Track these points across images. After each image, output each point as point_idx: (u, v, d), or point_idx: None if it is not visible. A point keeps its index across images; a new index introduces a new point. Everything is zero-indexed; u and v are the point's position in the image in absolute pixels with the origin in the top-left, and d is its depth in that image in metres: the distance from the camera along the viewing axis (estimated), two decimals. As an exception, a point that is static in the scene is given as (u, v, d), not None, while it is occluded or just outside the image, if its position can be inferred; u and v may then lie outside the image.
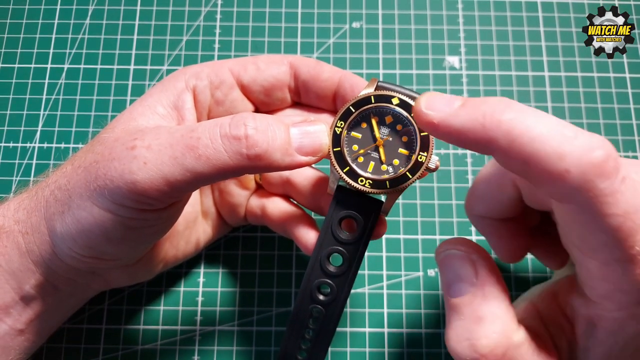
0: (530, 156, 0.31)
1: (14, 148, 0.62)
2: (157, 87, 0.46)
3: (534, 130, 0.31)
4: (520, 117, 0.32)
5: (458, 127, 0.34)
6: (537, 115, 0.32)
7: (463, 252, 0.38)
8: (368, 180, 0.41)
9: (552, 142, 0.31)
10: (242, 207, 0.53)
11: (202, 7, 0.68)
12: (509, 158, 0.32)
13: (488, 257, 0.38)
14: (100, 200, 0.39)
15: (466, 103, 0.34)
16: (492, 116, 0.32)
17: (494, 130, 0.32)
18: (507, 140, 0.32)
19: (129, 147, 0.39)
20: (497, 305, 0.36)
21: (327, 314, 0.43)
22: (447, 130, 0.34)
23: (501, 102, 0.33)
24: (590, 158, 0.30)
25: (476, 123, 0.33)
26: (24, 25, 0.67)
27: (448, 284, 0.38)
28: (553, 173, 0.31)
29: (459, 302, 0.37)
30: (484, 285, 0.37)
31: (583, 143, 0.30)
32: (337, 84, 0.47)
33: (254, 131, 0.38)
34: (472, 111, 0.33)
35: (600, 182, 0.30)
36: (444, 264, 0.39)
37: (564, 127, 0.31)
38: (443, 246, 0.40)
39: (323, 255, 0.43)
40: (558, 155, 0.30)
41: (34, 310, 0.46)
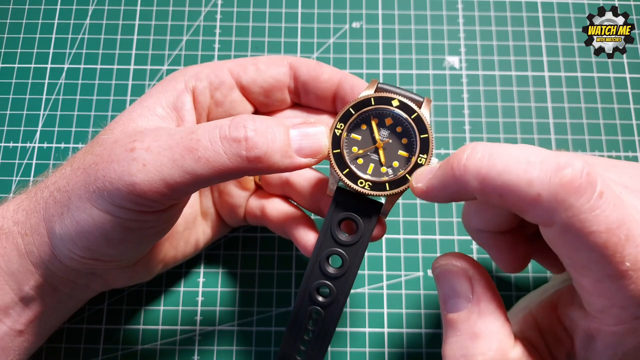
0: (502, 189, 0.32)
1: (14, 148, 0.62)
2: (157, 88, 0.46)
3: (498, 165, 0.32)
4: (483, 155, 0.33)
5: (438, 185, 0.36)
6: (501, 149, 0.33)
7: (459, 267, 0.38)
8: (367, 182, 0.41)
9: (517, 171, 0.32)
10: (242, 207, 0.53)
11: (202, 7, 0.68)
12: (486, 196, 0.34)
13: (484, 272, 0.38)
14: (99, 202, 0.39)
15: (441, 163, 0.36)
16: (459, 164, 0.34)
17: (464, 175, 0.34)
18: (478, 180, 0.33)
19: (128, 149, 0.39)
20: (493, 321, 0.36)
21: (326, 315, 0.43)
22: (434, 192, 0.37)
23: (466, 147, 0.35)
24: (558, 178, 0.31)
25: (448, 176, 0.35)
26: (24, 25, 0.67)
27: (444, 299, 0.38)
28: (526, 200, 0.32)
29: (456, 318, 0.37)
30: (479, 301, 0.37)
31: (549, 165, 0.31)
32: (337, 85, 0.47)
33: (254, 133, 0.38)
34: (444, 167, 0.35)
35: (574, 200, 0.30)
36: (440, 278, 0.39)
37: (529, 154, 0.32)
38: (439, 260, 0.40)
39: (322, 256, 0.42)
40: (526, 182, 0.31)
41: (34, 311, 0.46)
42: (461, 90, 0.65)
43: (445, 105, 0.64)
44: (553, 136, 0.63)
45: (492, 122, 0.63)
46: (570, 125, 0.63)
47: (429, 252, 0.59)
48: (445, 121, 0.63)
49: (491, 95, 0.64)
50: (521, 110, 0.64)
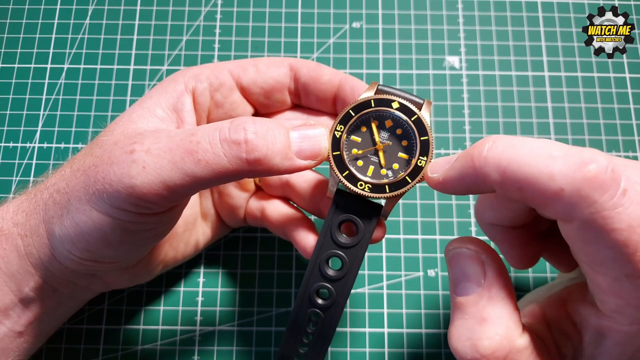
0: (522, 182, 0.32)
1: (14, 148, 0.62)
2: (157, 89, 0.46)
3: (520, 157, 0.32)
4: (505, 147, 0.33)
5: (456, 176, 0.36)
6: (523, 142, 0.33)
7: (472, 251, 0.38)
8: (367, 185, 0.41)
9: (539, 165, 0.31)
10: (242, 209, 0.53)
11: (202, 7, 0.68)
12: (506, 189, 0.33)
13: (497, 258, 0.38)
14: (99, 204, 0.39)
15: (459, 155, 0.36)
16: (480, 155, 0.34)
17: (484, 167, 0.33)
18: (498, 172, 0.33)
19: (128, 151, 0.39)
20: (502, 307, 0.36)
21: (326, 318, 0.43)
22: (451, 183, 0.36)
23: (487, 140, 0.34)
24: (582, 173, 0.30)
25: (468, 167, 0.35)
26: (24, 25, 0.67)
27: (455, 282, 0.38)
28: (547, 194, 0.31)
29: (465, 302, 0.37)
30: (491, 286, 0.36)
31: (572, 159, 0.31)
32: (337, 87, 0.47)
33: (254, 135, 0.38)
34: (463, 158, 0.35)
35: (598, 196, 0.30)
36: (452, 261, 0.39)
37: (552, 148, 0.32)
38: (453, 244, 0.39)
39: (322, 259, 0.42)
40: (548, 175, 0.31)
41: (33, 312, 0.46)
42: (461, 90, 0.65)
43: (445, 105, 0.64)
44: (553, 136, 0.63)
45: (492, 122, 0.63)
46: (570, 125, 0.63)
47: (429, 252, 0.59)
48: (445, 121, 0.63)
49: (491, 95, 0.64)
50: (521, 110, 0.64)
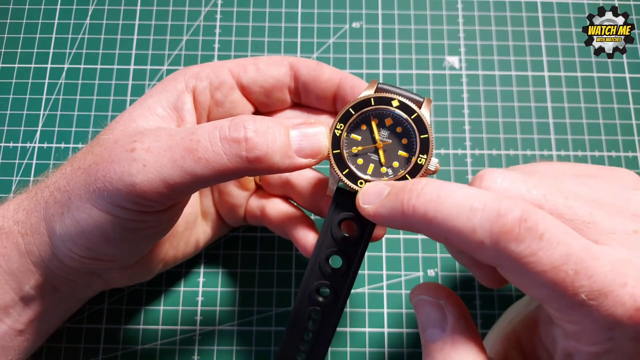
0: (447, 233, 0.33)
1: (14, 148, 0.62)
2: (157, 88, 0.46)
3: (444, 210, 0.33)
4: (432, 198, 0.34)
5: (387, 215, 0.36)
6: (449, 192, 0.34)
7: (432, 298, 0.39)
8: (367, 183, 0.41)
9: (461, 218, 0.32)
10: (242, 207, 0.53)
11: (202, 7, 0.68)
12: (432, 236, 0.35)
13: (457, 303, 0.38)
14: (99, 202, 0.39)
15: (391, 191, 0.37)
16: (408, 203, 0.35)
17: (412, 216, 0.34)
18: (424, 222, 0.34)
19: (128, 149, 0.39)
20: (465, 352, 0.36)
21: (326, 316, 0.43)
22: (381, 220, 0.37)
23: (416, 185, 0.35)
24: (498, 227, 0.31)
25: (397, 211, 0.35)
26: (24, 25, 0.67)
27: (423, 327, 0.38)
28: (471, 245, 0.33)
29: (432, 347, 0.37)
30: (452, 332, 0.37)
31: (490, 213, 0.32)
32: (337, 86, 0.47)
33: (254, 134, 0.38)
34: (393, 200, 0.36)
35: (515, 247, 0.31)
36: (416, 308, 0.39)
37: (473, 200, 0.33)
38: (415, 291, 0.40)
39: (322, 257, 0.42)
40: (469, 229, 0.32)
41: (34, 310, 0.46)
42: (461, 90, 0.65)
43: (445, 105, 0.64)
44: (553, 136, 0.63)
45: (492, 122, 0.63)
46: (570, 125, 0.63)
47: (429, 252, 0.59)
48: (445, 121, 0.63)
49: (491, 95, 0.64)
50: (521, 110, 0.64)
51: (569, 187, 0.37)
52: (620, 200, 0.37)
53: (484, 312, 0.56)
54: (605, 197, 0.37)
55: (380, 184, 0.38)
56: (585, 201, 0.36)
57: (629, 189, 0.38)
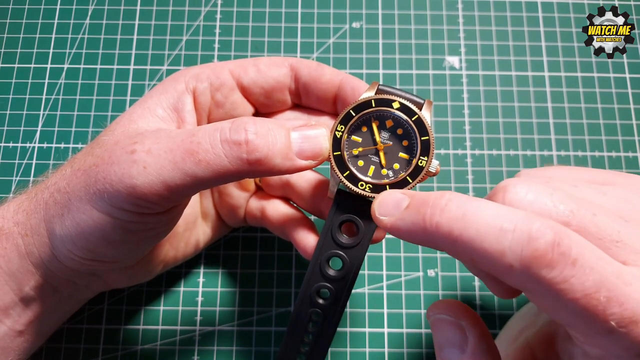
0: (473, 254, 0.31)
1: (14, 148, 0.62)
2: (157, 89, 0.46)
3: (471, 230, 0.31)
4: (457, 215, 0.32)
5: (406, 230, 0.34)
6: (476, 210, 0.32)
7: (452, 318, 0.37)
8: (368, 185, 0.41)
9: (490, 240, 0.30)
10: (242, 208, 0.53)
11: (202, 7, 0.68)
12: (456, 256, 0.33)
13: (478, 323, 0.37)
14: (99, 203, 0.39)
15: (410, 204, 0.34)
16: (432, 219, 0.32)
17: (435, 233, 0.32)
18: (449, 241, 0.32)
19: (129, 151, 0.39)
20: None
21: (327, 318, 0.43)
22: (399, 234, 0.35)
23: (439, 200, 0.33)
24: (529, 251, 0.29)
25: (418, 227, 0.33)
26: (24, 25, 0.67)
27: (440, 347, 0.37)
28: (499, 268, 0.31)
29: None
30: (473, 354, 0.35)
31: (521, 236, 0.30)
32: (338, 87, 0.47)
33: (255, 136, 0.38)
34: (414, 214, 0.33)
35: (546, 273, 0.29)
36: (434, 327, 0.38)
37: (503, 220, 0.31)
38: (433, 309, 0.38)
39: (323, 259, 0.42)
40: (499, 252, 0.30)
41: (34, 311, 0.46)
42: (461, 90, 0.65)
43: (445, 105, 0.64)
44: (553, 136, 0.63)
45: (492, 122, 0.63)
46: (570, 125, 0.63)
47: (429, 252, 0.59)
48: (445, 121, 0.63)
49: (491, 95, 0.64)
50: (521, 110, 0.64)
51: (592, 198, 0.36)
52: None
53: (483, 312, 0.56)
54: (628, 210, 0.36)
55: (397, 194, 0.36)
56: (612, 217, 0.34)
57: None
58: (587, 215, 0.34)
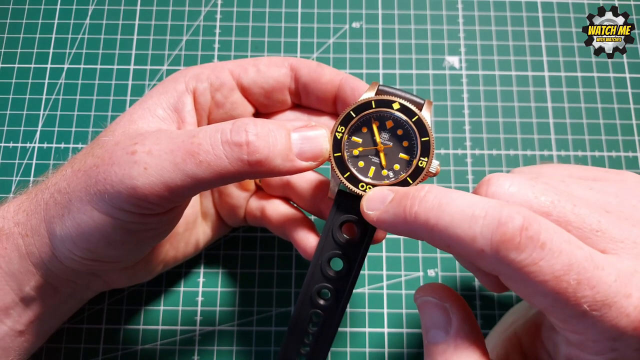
0: (449, 241, 0.33)
1: (14, 148, 0.62)
2: (157, 89, 0.46)
3: (446, 217, 0.33)
4: (433, 206, 0.34)
5: (390, 222, 0.36)
6: (451, 200, 0.33)
7: (437, 300, 0.38)
8: (369, 185, 0.41)
9: (462, 226, 0.32)
10: (242, 208, 0.53)
11: (202, 7, 0.68)
12: (434, 243, 0.35)
13: (462, 305, 0.38)
14: (100, 204, 0.39)
15: (394, 197, 0.37)
16: (411, 210, 0.34)
17: (413, 223, 0.34)
18: (426, 230, 0.34)
19: (129, 151, 0.39)
20: (467, 356, 0.36)
21: (327, 318, 0.43)
22: (384, 226, 0.37)
23: (418, 192, 0.35)
24: (498, 235, 0.31)
25: (399, 218, 0.35)
26: (24, 25, 0.67)
27: (426, 329, 0.38)
28: (472, 253, 0.32)
29: (434, 349, 0.37)
30: (456, 334, 0.36)
31: (491, 221, 0.31)
32: (338, 87, 0.47)
33: (255, 137, 0.38)
34: (396, 207, 0.36)
35: (515, 256, 0.31)
36: (420, 309, 0.39)
37: (475, 208, 0.32)
38: (419, 292, 0.39)
39: (324, 259, 0.42)
40: (470, 237, 0.32)
41: (34, 311, 0.46)
42: (461, 90, 0.65)
43: (445, 105, 0.64)
44: (553, 136, 0.63)
45: (492, 122, 0.63)
46: (570, 125, 0.63)
47: (429, 252, 0.59)
48: (445, 121, 0.63)
49: (491, 95, 0.64)
50: (521, 110, 0.64)
51: (577, 192, 0.37)
52: (628, 207, 0.36)
53: (484, 312, 0.56)
54: (613, 203, 0.37)
55: (384, 190, 0.38)
56: (593, 208, 0.35)
57: (637, 195, 0.37)
58: (567, 205, 0.35)
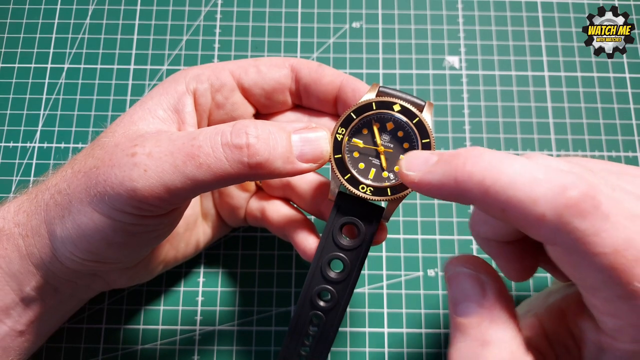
0: (505, 204, 0.31)
1: (14, 148, 0.62)
2: (158, 90, 0.46)
3: (504, 178, 0.31)
4: (490, 165, 0.32)
5: (435, 183, 0.34)
6: (508, 161, 0.32)
7: (472, 271, 0.37)
8: (369, 188, 0.41)
9: (523, 188, 0.31)
10: (242, 209, 0.53)
11: (202, 7, 0.68)
12: (487, 207, 0.33)
13: (498, 278, 0.37)
14: (100, 206, 0.39)
15: (440, 158, 0.35)
16: (464, 169, 0.33)
17: (466, 182, 0.32)
18: (480, 190, 0.32)
19: (130, 153, 0.39)
20: (505, 330, 0.34)
21: (327, 320, 0.43)
22: (427, 187, 0.35)
23: (471, 152, 0.33)
24: (563, 199, 0.30)
25: (449, 177, 0.33)
26: (24, 25, 0.67)
27: (455, 302, 0.37)
28: (530, 218, 0.31)
29: (466, 323, 0.35)
30: (492, 307, 0.35)
31: (555, 184, 0.30)
32: (339, 88, 0.47)
33: (256, 140, 0.38)
34: (445, 166, 0.34)
35: (579, 222, 0.29)
36: (451, 281, 0.37)
37: (536, 170, 0.31)
38: (452, 263, 0.38)
39: (324, 261, 0.42)
40: (531, 200, 0.30)
41: (34, 311, 0.46)
42: (461, 90, 0.65)
43: (445, 105, 0.64)
44: (553, 136, 0.63)
45: (492, 122, 0.63)
46: (570, 125, 0.63)
47: (429, 252, 0.59)
48: (445, 121, 0.63)
49: (491, 95, 0.64)
50: (521, 110, 0.64)
51: (611, 180, 0.35)
52: None
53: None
54: None
55: (425, 152, 0.36)
56: (631, 195, 0.33)
57: None
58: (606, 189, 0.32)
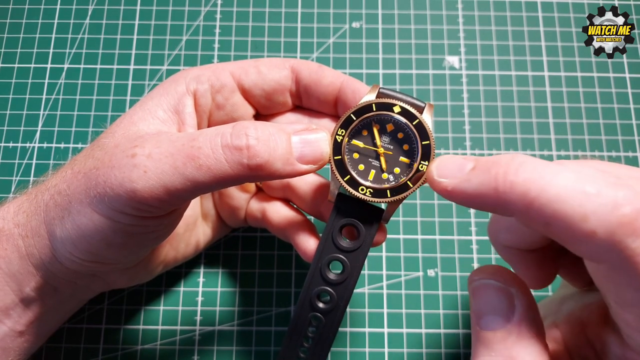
0: (550, 218, 0.29)
1: (14, 148, 0.62)
2: (158, 90, 0.46)
3: (551, 190, 0.29)
4: (534, 176, 0.30)
5: (472, 192, 0.33)
6: (554, 172, 0.30)
7: (501, 283, 0.35)
8: (369, 189, 0.41)
9: (572, 202, 0.29)
10: (242, 210, 0.53)
11: (202, 7, 0.68)
12: (529, 220, 0.31)
13: (527, 291, 0.35)
14: (100, 207, 0.39)
15: (477, 165, 0.33)
16: (505, 178, 0.31)
17: (508, 193, 0.31)
18: (524, 203, 0.30)
19: (129, 154, 0.39)
20: (532, 346, 0.33)
21: (327, 322, 0.43)
22: (462, 196, 0.33)
23: (513, 160, 0.32)
24: (616, 217, 0.28)
25: (489, 187, 0.32)
26: (24, 25, 0.67)
27: (479, 314, 0.35)
28: (578, 234, 0.29)
29: (491, 337, 0.34)
30: (520, 322, 0.34)
31: (607, 200, 0.28)
32: (339, 89, 0.47)
33: (256, 141, 0.38)
34: (484, 174, 0.32)
35: (631, 242, 0.28)
36: (477, 292, 0.36)
37: (585, 183, 0.29)
38: (478, 274, 0.37)
39: (323, 262, 0.42)
40: (581, 216, 0.28)
41: (34, 312, 0.46)
42: (461, 90, 0.65)
43: (445, 105, 0.64)
44: (553, 136, 0.63)
45: (492, 122, 0.63)
46: (570, 125, 0.63)
47: (429, 252, 0.59)
48: (445, 121, 0.63)
49: (491, 95, 0.64)
50: (521, 110, 0.64)
51: None
52: None
53: (483, 313, 0.57)
54: None
55: (459, 157, 0.35)
56: None
57: None
58: None
